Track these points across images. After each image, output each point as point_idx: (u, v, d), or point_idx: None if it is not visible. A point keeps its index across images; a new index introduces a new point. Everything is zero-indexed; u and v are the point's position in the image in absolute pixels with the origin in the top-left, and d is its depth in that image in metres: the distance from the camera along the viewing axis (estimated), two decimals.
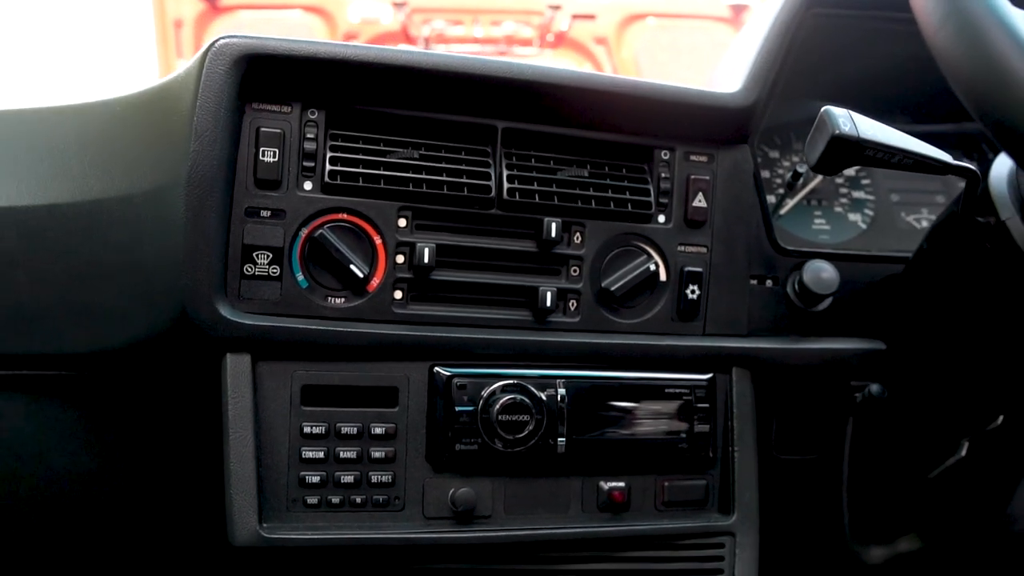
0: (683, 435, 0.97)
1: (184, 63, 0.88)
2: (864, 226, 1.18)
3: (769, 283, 1.02)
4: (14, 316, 0.94)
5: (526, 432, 0.90)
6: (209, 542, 1.00)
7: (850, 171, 1.20)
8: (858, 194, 1.20)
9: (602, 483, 0.95)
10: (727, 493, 0.99)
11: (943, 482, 1.15)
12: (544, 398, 0.91)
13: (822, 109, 0.78)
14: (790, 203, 1.15)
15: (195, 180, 0.83)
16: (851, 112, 0.78)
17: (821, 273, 1.01)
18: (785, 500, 1.15)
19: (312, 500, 0.88)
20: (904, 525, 1.24)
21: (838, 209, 1.18)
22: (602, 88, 0.94)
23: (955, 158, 0.80)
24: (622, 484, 0.96)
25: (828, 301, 1.03)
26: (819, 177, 1.18)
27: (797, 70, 1.06)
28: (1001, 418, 1.05)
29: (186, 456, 1.03)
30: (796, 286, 1.02)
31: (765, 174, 1.17)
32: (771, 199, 1.14)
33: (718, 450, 0.99)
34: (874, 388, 1.04)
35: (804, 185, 1.16)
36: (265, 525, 0.86)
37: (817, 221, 1.17)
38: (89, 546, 1.14)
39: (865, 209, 1.18)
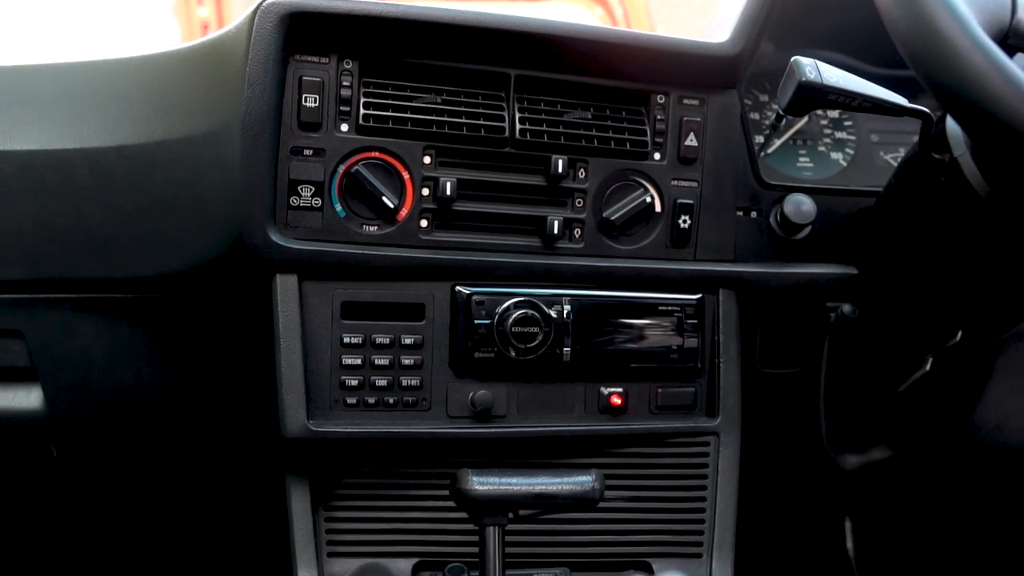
0: (674, 348, 1.08)
1: (231, 22, 1.00)
2: (844, 164, 1.28)
3: (754, 214, 1.13)
4: (87, 244, 1.06)
5: (536, 343, 1.02)
6: (262, 436, 1.14)
7: (833, 113, 1.30)
8: (840, 135, 1.30)
9: (603, 389, 1.07)
10: (713, 399, 1.11)
11: (911, 395, 1.27)
12: (552, 314, 1.03)
13: (792, 59, 0.89)
14: (777, 143, 1.26)
15: (248, 123, 0.94)
16: (817, 62, 0.88)
17: (801, 205, 1.11)
18: (769, 410, 1.27)
19: (351, 400, 1.01)
20: (877, 435, 1.36)
21: (821, 148, 1.28)
22: (604, 39, 1.03)
23: (930, 102, 0.90)
24: (620, 390, 1.08)
25: (807, 230, 1.13)
26: (805, 119, 1.28)
27: (785, 22, 1.16)
28: (960, 335, 1.17)
29: (240, 365, 1.16)
30: (778, 217, 1.12)
31: (755, 116, 1.27)
32: (760, 139, 1.25)
33: (705, 361, 1.10)
34: (846, 308, 1.16)
35: (789, 126, 1.26)
36: (312, 421, 0.99)
37: (802, 159, 1.27)
38: (154, 447, 1.29)
39: (846, 148, 1.29)
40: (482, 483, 0.88)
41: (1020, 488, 1.52)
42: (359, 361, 1.01)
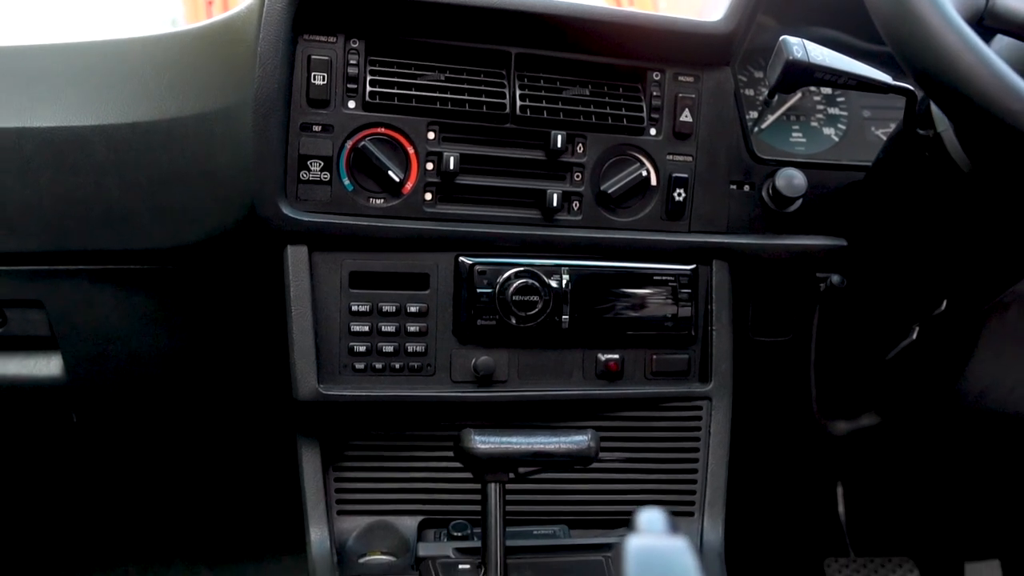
0: (669, 316, 1.12)
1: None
2: (837, 139, 1.31)
3: (746, 187, 1.16)
4: (104, 217, 1.10)
5: (535, 311, 1.06)
6: (275, 400, 1.19)
7: (826, 89, 1.33)
8: (833, 110, 1.33)
9: (600, 355, 1.12)
10: (706, 365, 1.15)
11: (898, 363, 1.31)
12: (551, 283, 1.07)
13: (780, 38, 0.92)
14: (771, 118, 1.29)
15: (260, 100, 0.98)
16: (805, 41, 0.92)
17: (792, 179, 1.14)
18: (762, 377, 1.32)
19: (359, 366, 1.06)
20: (865, 402, 1.41)
21: (814, 124, 1.31)
22: (602, 19, 1.06)
23: None
24: (617, 356, 1.12)
25: (798, 203, 1.16)
26: (798, 95, 1.31)
27: (780, 1, 1.19)
28: (945, 304, 1.21)
29: (252, 332, 1.21)
30: (770, 190, 1.15)
31: (750, 92, 1.30)
32: (754, 114, 1.28)
33: (699, 329, 1.14)
34: (835, 279, 1.20)
35: (783, 102, 1.29)
36: (322, 385, 1.03)
37: (795, 134, 1.30)
38: (170, 412, 1.34)
39: (839, 124, 1.32)
40: (484, 442, 0.93)
41: (1004, 452, 1.57)
42: (367, 328, 1.05)
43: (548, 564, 1.00)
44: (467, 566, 0.98)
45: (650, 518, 0.46)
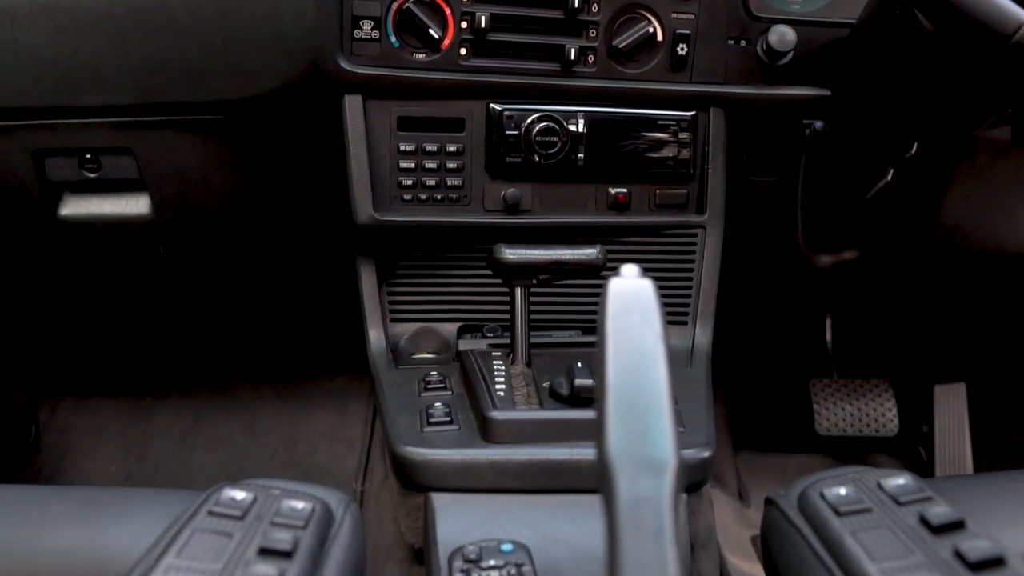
0: (671, 156, 1.28)
1: None
2: None
3: (743, 43, 1.28)
4: (185, 74, 1.25)
5: (555, 149, 1.23)
6: (337, 228, 1.38)
7: None
8: None
9: (611, 188, 1.28)
10: (702, 199, 1.31)
11: (876, 202, 1.48)
12: (569, 126, 1.23)
13: None
14: None
15: None
16: None
17: (784, 35, 1.25)
18: (755, 213, 1.49)
19: (407, 197, 1.24)
20: (847, 237, 1.58)
21: None
22: None
23: None
24: (625, 190, 1.28)
25: (788, 57, 1.27)
26: None
27: None
28: (915, 148, 1.36)
29: (313, 172, 1.39)
30: (764, 45, 1.27)
31: None
32: None
33: (696, 168, 1.30)
34: (818, 124, 1.34)
35: None
36: (377, 212, 1.23)
37: None
38: (245, 243, 1.54)
39: None
40: (512, 253, 1.13)
41: (970, 285, 1.74)
42: (412, 165, 1.24)
43: (563, 354, 1.20)
44: (498, 353, 1.19)
45: (628, 268, 0.66)
